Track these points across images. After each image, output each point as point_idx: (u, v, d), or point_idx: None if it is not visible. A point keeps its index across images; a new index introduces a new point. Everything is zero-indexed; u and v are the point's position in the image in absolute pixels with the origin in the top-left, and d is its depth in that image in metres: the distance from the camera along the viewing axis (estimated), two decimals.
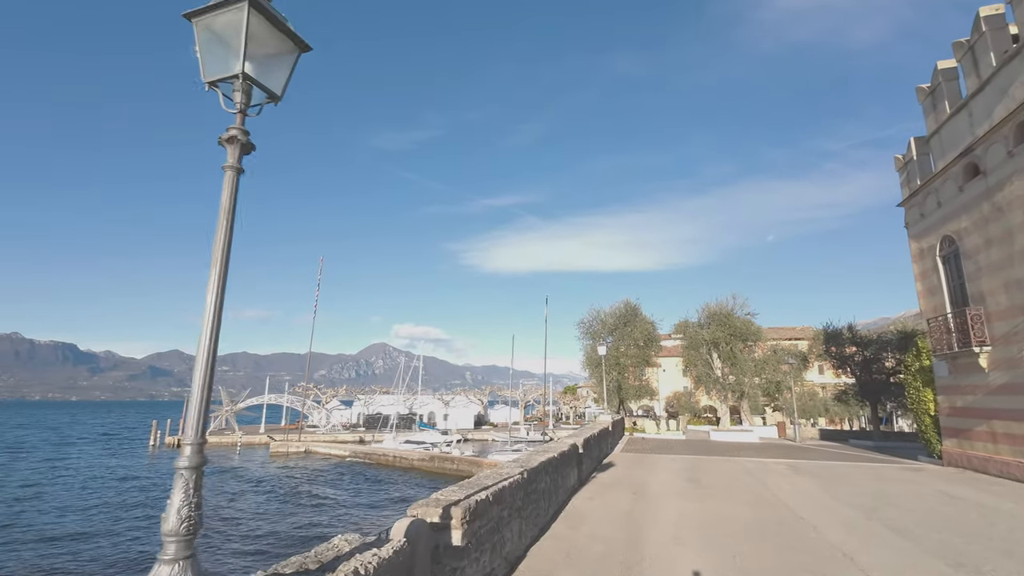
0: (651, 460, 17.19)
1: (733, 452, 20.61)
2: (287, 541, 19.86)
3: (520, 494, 7.25)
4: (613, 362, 31.31)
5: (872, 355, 27.56)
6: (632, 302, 33.46)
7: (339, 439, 65.89)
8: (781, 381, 32.17)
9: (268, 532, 21.60)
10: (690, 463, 16.51)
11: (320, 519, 23.59)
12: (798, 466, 15.88)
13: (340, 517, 23.95)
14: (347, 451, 52.28)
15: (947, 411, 16.21)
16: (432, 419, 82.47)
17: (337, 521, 23.03)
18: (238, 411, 70.93)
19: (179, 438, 63.68)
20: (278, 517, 24.85)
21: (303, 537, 20.04)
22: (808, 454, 20.41)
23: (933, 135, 16.19)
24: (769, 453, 20.43)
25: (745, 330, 29.23)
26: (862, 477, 13.80)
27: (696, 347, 30.09)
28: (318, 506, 26.44)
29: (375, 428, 70.03)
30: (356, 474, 40.30)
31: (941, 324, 15.99)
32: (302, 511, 25.74)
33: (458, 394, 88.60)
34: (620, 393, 31.56)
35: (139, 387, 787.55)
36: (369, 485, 33.18)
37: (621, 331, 32.50)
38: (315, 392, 79.48)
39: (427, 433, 63.32)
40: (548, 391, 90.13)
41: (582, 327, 33.28)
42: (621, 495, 10.81)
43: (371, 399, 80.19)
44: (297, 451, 55.85)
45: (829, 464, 16.74)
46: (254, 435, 65.20)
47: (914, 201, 17.48)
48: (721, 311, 30.15)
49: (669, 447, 22.17)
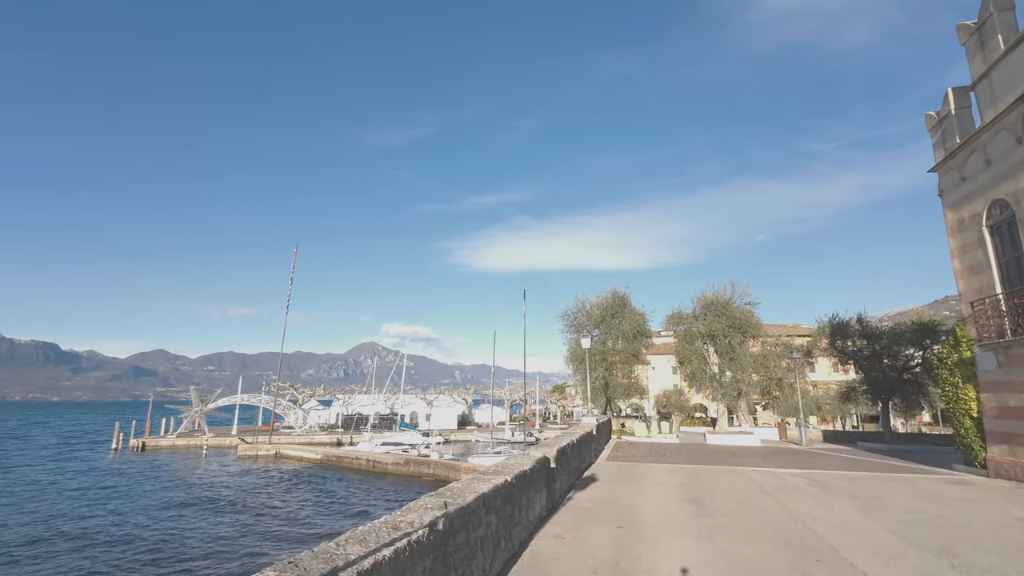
0: (641, 471, 14.35)
1: (735, 459, 17.85)
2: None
3: (427, 560, 4.33)
4: (600, 358, 28.44)
5: (883, 349, 24.99)
6: (620, 292, 30.51)
7: (315, 441, 62.83)
8: (782, 378, 29.58)
9: (162, 549, 18.91)
10: (688, 475, 13.69)
11: (235, 541, 20.60)
12: (820, 480, 13.10)
13: (264, 537, 20.95)
14: (319, 454, 49.18)
15: (995, 412, 13.55)
16: (414, 419, 79.39)
17: (257, 543, 20.05)
18: (208, 412, 67.45)
19: (144, 440, 60.38)
20: (190, 533, 21.86)
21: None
22: (822, 461, 17.71)
23: (980, 80, 13.51)
24: (777, 460, 17.69)
25: (745, 322, 26.42)
26: (905, 496, 11.04)
27: (691, 340, 27.21)
28: (246, 524, 23.27)
29: (354, 429, 67.04)
30: (320, 481, 37.21)
31: (989, 307, 13.33)
32: (225, 527, 22.75)
33: (442, 393, 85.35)
34: (607, 391, 28.68)
35: (122, 387, 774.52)
36: (324, 496, 29.94)
37: (608, 323, 29.57)
38: (291, 391, 75.99)
39: (407, 434, 60.27)
40: (531, 390, 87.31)
41: (566, 319, 30.37)
42: (602, 530, 7.93)
43: (350, 399, 76.80)
44: (267, 454, 52.60)
45: (854, 476, 13.99)
46: (225, 437, 61.89)
47: (951, 163, 14.80)
48: (718, 301, 27.23)
49: (661, 453, 19.38)
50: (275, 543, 20.08)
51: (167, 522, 24.21)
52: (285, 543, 19.94)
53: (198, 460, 49.77)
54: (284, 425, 73.15)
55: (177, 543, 20.45)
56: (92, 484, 35.08)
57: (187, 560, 18.33)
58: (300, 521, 23.72)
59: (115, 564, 18.15)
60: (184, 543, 20.43)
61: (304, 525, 23.13)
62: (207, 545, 20.15)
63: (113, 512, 26.38)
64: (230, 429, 68.67)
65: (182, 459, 50.54)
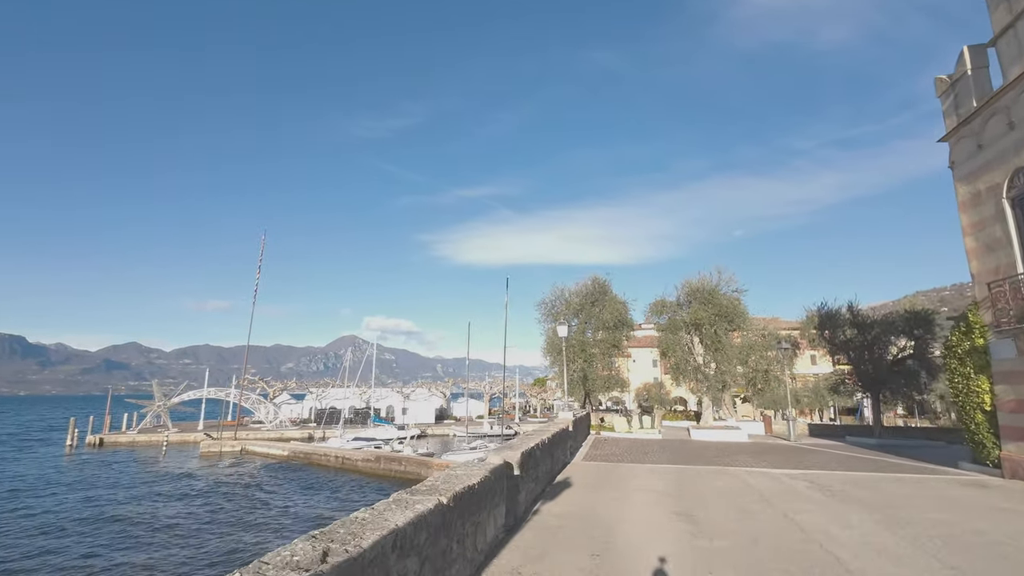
0: (622, 473, 12.70)
1: (724, 457, 16.36)
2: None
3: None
4: (578, 348, 26.80)
5: (874, 339, 23.80)
6: (601, 279, 28.63)
7: (284, 436, 60.59)
8: (768, 369, 28.35)
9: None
10: (674, 478, 12.07)
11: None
12: (823, 483, 11.58)
13: (197, 549, 18.82)
14: (286, 451, 46.93)
15: (1011, 405, 12.18)
16: (390, 413, 77.37)
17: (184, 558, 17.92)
18: (172, 406, 64.57)
19: (102, 436, 57.31)
20: (121, 540, 19.72)
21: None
22: (816, 459, 16.29)
23: (1003, 33, 12.02)
24: (769, 459, 16.22)
25: (732, 311, 24.93)
26: (926, 504, 9.54)
27: (674, 330, 25.65)
28: (178, 535, 21.04)
29: (327, 424, 64.86)
30: (281, 480, 35.08)
31: (1009, 289, 11.92)
32: (158, 535, 20.63)
33: (419, 386, 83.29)
34: (586, 384, 27.03)
35: (93, 381, 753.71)
36: (280, 499, 27.73)
37: (588, 312, 27.84)
38: (261, 385, 73.22)
39: (381, 429, 58.30)
40: (511, 383, 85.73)
41: (543, 308, 28.50)
42: (573, 560, 6.18)
43: (324, 392, 74.35)
44: (231, 450, 50.17)
45: (859, 478, 12.51)
46: (190, 433, 59.19)
47: (966, 130, 13.34)
48: (704, 288, 25.67)
49: (644, 451, 17.80)
50: (208, 559, 18.01)
51: (98, 527, 21.98)
52: (220, 561, 17.86)
53: (157, 457, 47.24)
54: (254, 420, 70.61)
55: (103, 555, 18.30)
56: (28, 485, 32.39)
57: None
58: (245, 529, 21.67)
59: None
60: (107, 555, 18.28)
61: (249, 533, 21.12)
62: (116, 556, 18.04)
63: (41, 513, 24.04)
64: (196, 424, 65.90)
65: (140, 456, 47.93)
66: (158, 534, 20.92)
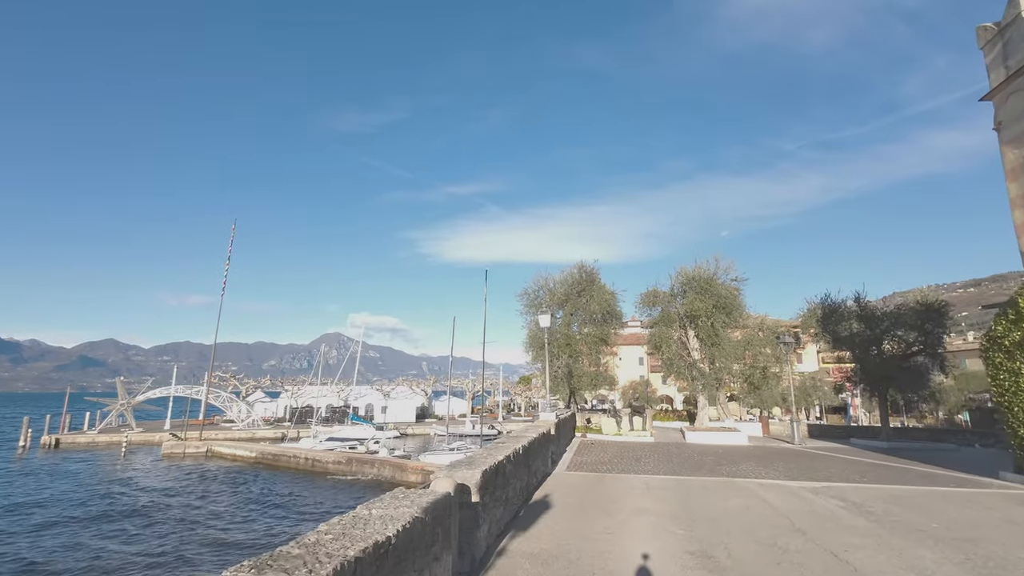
0: (613, 488, 10.54)
1: (728, 465, 14.29)
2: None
3: None
4: (563, 343, 24.59)
5: (882, 333, 21.97)
6: (588, 266, 26.45)
7: (256, 436, 57.86)
8: (767, 366, 26.49)
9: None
10: (677, 495, 9.94)
11: None
12: (857, 501, 9.52)
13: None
14: (254, 452, 44.22)
15: None
16: (370, 412, 74.71)
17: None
18: (137, 404, 61.36)
19: (58, 437, 53.94)
20: (59, 549, 17.12)
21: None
22: (833, 468, 14.29)
23: None
24: (779, 467, 14.17)
25: (731, 302, 22.85)
26: (999, 531, 7.50)
27: (668, 323, 23.49)
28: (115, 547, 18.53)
29: (302, 423, 62.17)
30: (242, 484, 32.48)
31: None
32: (92, 543, 18.06)
33: (400, 384, 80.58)
34: (571, 381, 24.82)
35: (69, 378, 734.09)
36: (233, 507, 25.06)
37: (574, 303, 25.59)
38: (233, 382, 70.05)
39: (358, 428, 55.67)
40: (495, 381, 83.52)
41: (525, 299, 26.14)
42: None
43: (300, 390, 71.40)
44: (196, 451, 47.26)
45: (897, 494, 10.47)
46: (155, 432, 56.08)
47: (1018, 83, 11.41)
48: (700, 276, 23.58)
49: (636, 457, 15.67)
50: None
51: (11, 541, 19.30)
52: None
53: (115, 459, 44.28)
54: (225, 419, 67.63)
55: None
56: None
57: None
58: (181, 545, 19.14)
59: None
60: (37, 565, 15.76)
61: (188, 549, 18.62)
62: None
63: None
64: (163, 423, 62.75)
65: (96, 458, 44.93)
66: (71, 554, 18.29)
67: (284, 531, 19.92)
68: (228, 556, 17.53)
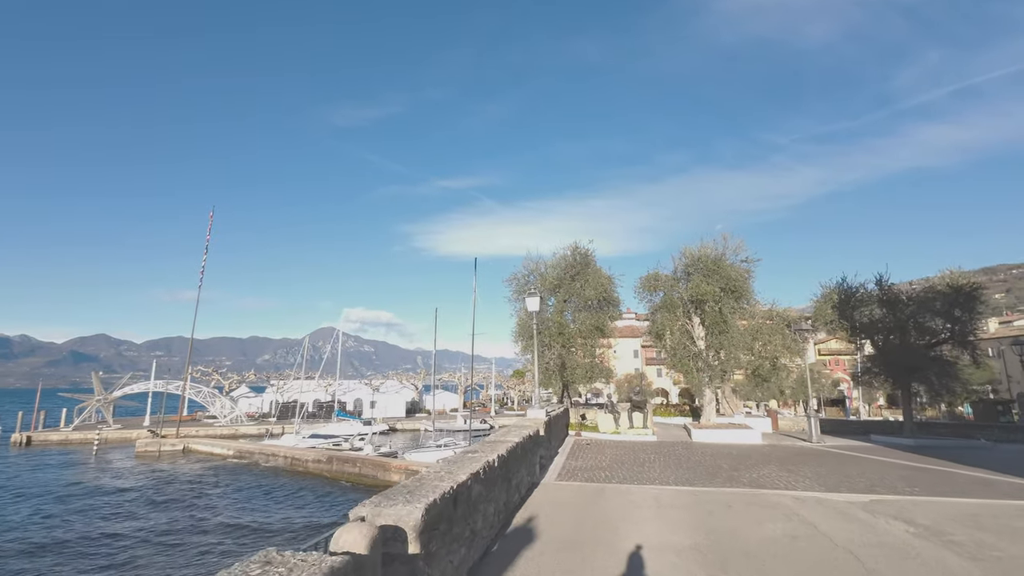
0: (615, 507, 8.40)
1: (747, 470, 12.21)
2: None
3: None
4: (556, 332, 22.37)
5: (908, 319, 19.94)
6: (583, 247, 24.18)
7: (239, 432, 55.66)
8: (777, 357, 24.42)
9: None
10: (698, 516, 7.82)
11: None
12: (927, 522, 7.44)
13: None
14: (232, 450, 42.04)
15: None
16: (358, 407, 72.63)
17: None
18: (114, 400, 58.98)
19: (30, 435, 51.52)
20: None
21: None
22: (871, 473, 12.21)
23: None
24: (807, 473, 12.09)
25: (741, 285, 20.58)
26: None
27: (671, 308, 21.21)
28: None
29: (287, 418, 60.02)
30: (213, 484, 30.30)
31: None
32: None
33: (389, 378, 78.41)
34: (564, 374, 22.65)
35: (60, 373, 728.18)
36: (193, 510, 22.67)
37: (568, 288, 23.39)
38: (216, 377, 67.63)
39: (344, 424, 53.49)
40: (485, 373, 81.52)
41: (514, 284, 23.87)
42: None
43: (285, 385, 69.14)
44: (172, 449, 45.04)
45: (967, 510, 8.39)
46: (133, 429, 53.74)
47: None
48: (706, 256, 21.32)
49: (639, 461, 13.56)
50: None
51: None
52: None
53: (87, 458, 42.05)
54: (208, 415, 65.35)
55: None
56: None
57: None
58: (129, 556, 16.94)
59: None
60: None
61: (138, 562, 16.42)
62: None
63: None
64: (142, 420, 60.46)
65: (67, 457, 42.68)
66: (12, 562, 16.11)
67: (230, 551, 17.66)
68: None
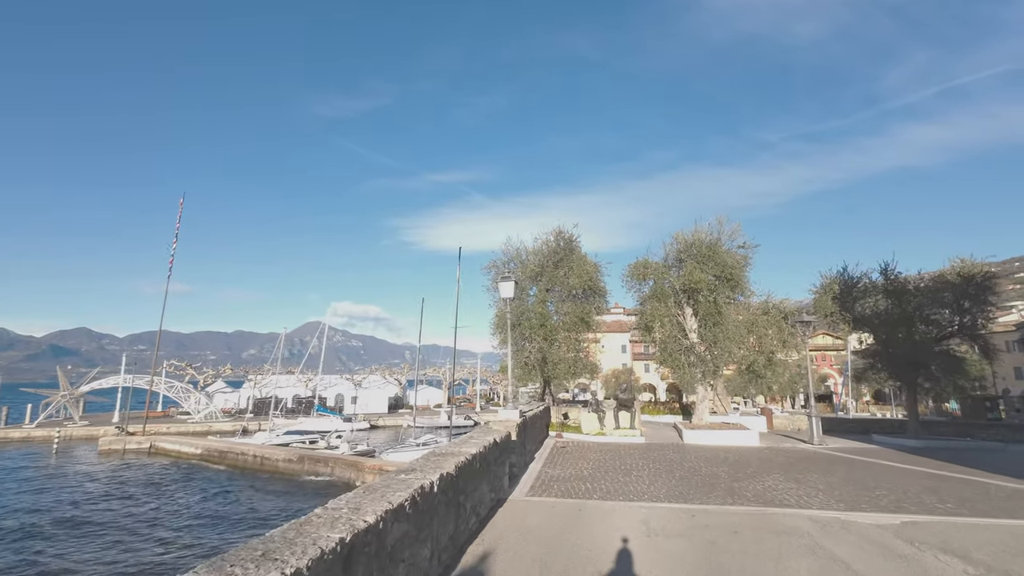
0: (595, 536, 6.69)
1: (749, 480, 10.64)
2: None
3: None
4: (537, 323, 20.59)
5: (915, 311, 18.53)
6: (567, 232, 22.35)
7: (212, 429, 53.52)
8: (773, 352, 22.95)
9: None
10: (699, 550, 6.14)
11: None
12: (985, 556, 5.91)
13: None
14: (199, 448, 39.92)
15: None
16: (339, 402, 70.65)
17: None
18: (80, 395, 56.52)
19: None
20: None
21: None
22: (888, 483, 10.69)
23: None
24: (818, 483, 10.53)
25: (737, 272, 18.87)
26: None
27: (662, 298, 19.45)
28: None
29: (264, 414, 57.88)
30: (171, 489, 28.30)
31: None
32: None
33: (372, 372, 76.35)
34: (545, 369, 20.90)
35: (39, 368, 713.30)
36: (115, 529, 20.61)
37: (551, 275, 21.68)
38: (190, 372, 65.21)
39: (323, 420, 51.46)
40: (470, 368, 79.83)
41: (493, 272, 21.95)
42: None
43: (264, 379, 66.93)
44: (138, 447, 42.83)
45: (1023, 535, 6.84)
46: (100, 426, 51.35)
47: None
48: (700, 241, 19.45)
49: (626, 468, 11.94)
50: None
51: None
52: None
53: (47, 457, 39.82)
54: (181, 411, 63.02)
55: None
56: None
57: None
58: None
59: None
60: None
61: None
62: None
63: None
64: (112, 416, 58.03)
65: (26, 455, 40.39)
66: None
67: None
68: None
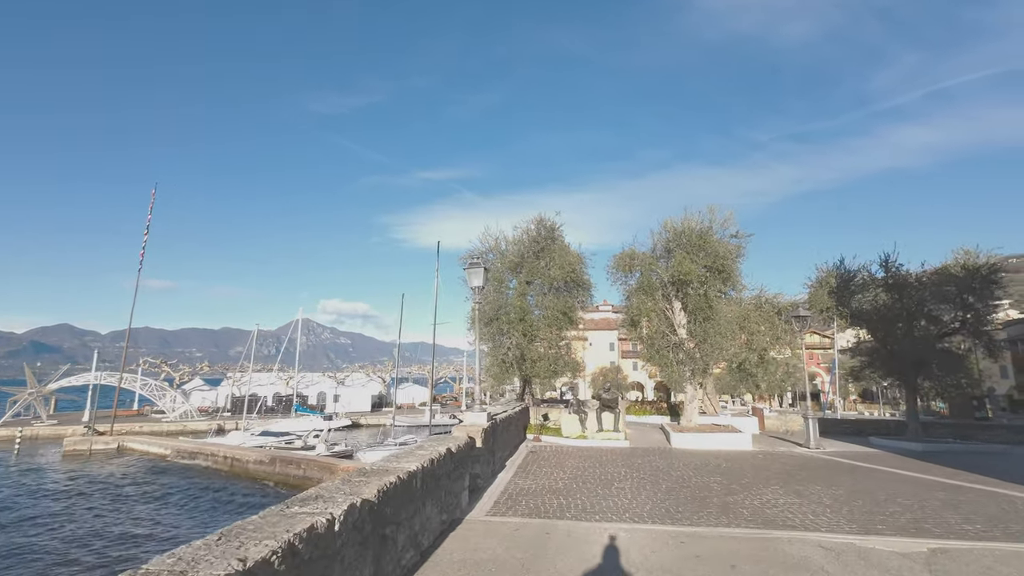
0: (561, 573, 5.40)
1: (746, 493, 9.39)
2: None
3: None
4: (516, 317, 19.19)
5: (917, 307, 17.48)
6: (549, 220, 21.02)
7: (187, 428, 51.79)
8: (766, 349, 21.85)
9: None
10: None
11: None
12: None
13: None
14: (169, 449, 38.20)
15: None
16: (321, 401, 69.00)
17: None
18: (49, 393, 54.51)
19: None
20: None
21: None
22: (900, 495, 9.51)
23: None
24: (821, 497, 9.30)
25: (729, 264, 17.55)
26: None
27: (649, 291, 18.10)
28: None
29: (241, 413, 56.11)
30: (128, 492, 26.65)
31: None
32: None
33: (356, 370, 74.61)
34: (523, 367, 19.59)
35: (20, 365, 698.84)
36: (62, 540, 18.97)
37: (531, 266, 20.35)
38: (165, 369, 63.13)
39: (302, 419, 49.80)
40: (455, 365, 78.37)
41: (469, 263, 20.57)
42: None
43: (243, 377, 65.05)
44: (105, 448, 41.04)
45: None
46: (69, 425, 49.31)
47: None
48: (691, 230, 17.73)
49: (606, 478, 10.66)
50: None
51: None
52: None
53: (8, 457, 37.93)
54: (156, 409, 61.05)
55: None
56: None
57: None
58: None
59: None
60: None
61: None
62: None
63: None
64: (81, 415, 55.96)
65: None
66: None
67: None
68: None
